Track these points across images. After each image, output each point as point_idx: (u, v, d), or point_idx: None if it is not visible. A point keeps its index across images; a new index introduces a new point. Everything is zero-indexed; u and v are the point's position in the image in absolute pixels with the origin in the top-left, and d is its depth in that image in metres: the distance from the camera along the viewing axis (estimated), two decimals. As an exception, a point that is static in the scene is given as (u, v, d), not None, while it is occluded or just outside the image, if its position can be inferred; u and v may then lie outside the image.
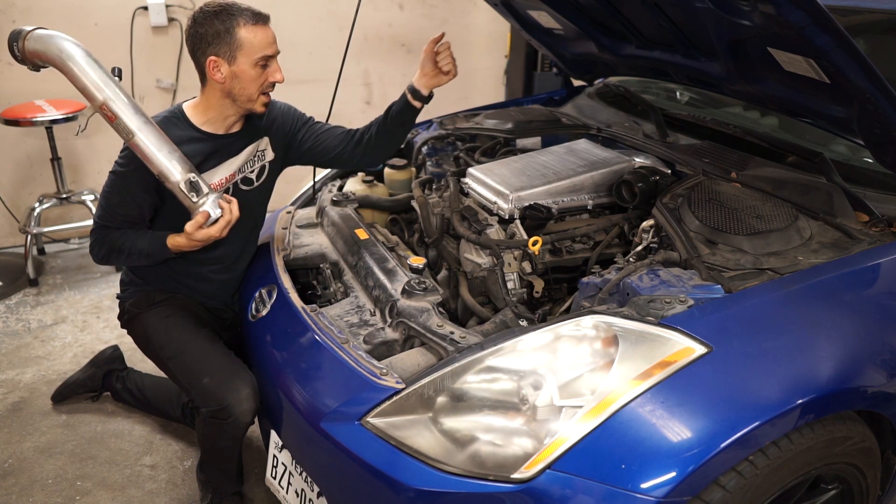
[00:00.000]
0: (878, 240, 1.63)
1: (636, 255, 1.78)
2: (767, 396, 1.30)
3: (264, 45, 1.78)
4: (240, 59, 1.77)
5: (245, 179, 1.98)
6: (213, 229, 1.77)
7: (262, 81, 1.81)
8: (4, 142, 3.61)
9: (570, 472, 1.24)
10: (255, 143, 1.97)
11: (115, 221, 1.86)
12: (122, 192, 1.83)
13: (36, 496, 2.17)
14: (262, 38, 1.78)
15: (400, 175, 2.49)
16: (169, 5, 3.72)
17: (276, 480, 1.80)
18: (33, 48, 1.70)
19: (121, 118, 1.71)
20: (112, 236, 1.85)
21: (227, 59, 1.77)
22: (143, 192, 1.83)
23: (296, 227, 2.22)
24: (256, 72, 1.79)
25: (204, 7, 1.78)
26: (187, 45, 1.81)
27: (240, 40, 1.76)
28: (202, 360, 1.88)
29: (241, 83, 1.80)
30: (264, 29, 1.79)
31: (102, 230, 1.87)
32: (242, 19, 1.76)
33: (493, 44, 4.63)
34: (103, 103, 1.71)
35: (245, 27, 1.76)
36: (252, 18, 1.77)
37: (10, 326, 3.06)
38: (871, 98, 1.51)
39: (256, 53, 1.77)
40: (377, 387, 1.46)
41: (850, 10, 2.18)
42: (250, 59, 1.77)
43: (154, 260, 1.89)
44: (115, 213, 1.85)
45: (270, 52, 1.80)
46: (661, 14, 1.98)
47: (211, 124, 1.88)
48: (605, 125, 2.48)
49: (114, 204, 1.84)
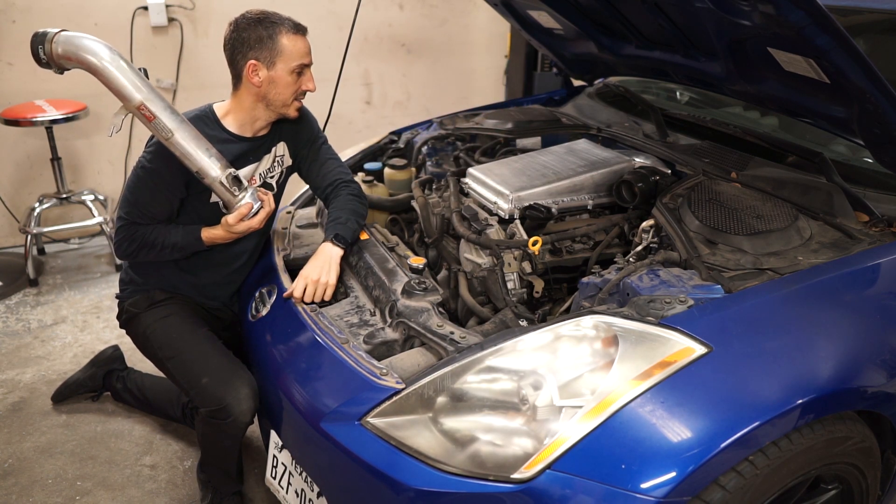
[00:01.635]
0: (878, 240, 1.63)
1: (636, 255, 1.78)
2: (767, 396, 1.30)
3: (302, 53, 1.85)
4: (278, 65, 1.83)
5: (266, 185, 2.01)
6: (253, 221, 1.87)
7: (296, 88, 1.88)
8: (4, 142, 3.61)
9: (570, 472, 1.24)
10: (274, 147, 2.00)
11: (144, 218, 1.87)
12: (151, 188, 1.85)
13: (36, 496, 2.17)
14: (301, 46, 1.85)
15: (400, 175, 2.48)
16: (169, 5, 3.72)
17: (276, 480, 1.80)
18: (62, 51, 1.68)
19: (159, 118, 1.72)
20: (142, 232, 1.87)
21: (266, 64, 1.83)
22: (172, 188, 1.86)
23: (296, 227, 2.22)
24: (292, 78, 1.86)
25: (247, 13, 1.84)
26: (226, 48, 1.86)
27: (281, 47, 1.82)
28: (201, 360, 1.88)
29: (276, 88, 1.85)
30: (303, 39, 1.86)
31: (131, 227, 1.88)
32: (284, 28, 1.83)
33: (493, 44, 4.63)
34: (141, 104, 1.71)
35: (286, 35, 1.83)
36: (293, 28, 1.85)
37: (10, 326, 3.06)
38: (871, 98, 1.51)
39: (294, 61, 1.84)
40: (377, 387, 1.46)
41: (850, 10, 2.18)
42: (288, 66, 1.83)
43: (186, 253, 1.94)
44: (145, 210, 1.87)
45: (307, 61, 1.87)
46: (661, 14, 1.98)
47: (239, 126, 1.91)
48: (605, 125, 2.48)
49: (144, 201, 1.86)
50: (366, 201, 2.10)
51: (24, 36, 3.46)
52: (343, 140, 3.51)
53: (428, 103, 4.58)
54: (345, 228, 1.95)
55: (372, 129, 4.36)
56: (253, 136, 1.94)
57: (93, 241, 3.90)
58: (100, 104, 3.74)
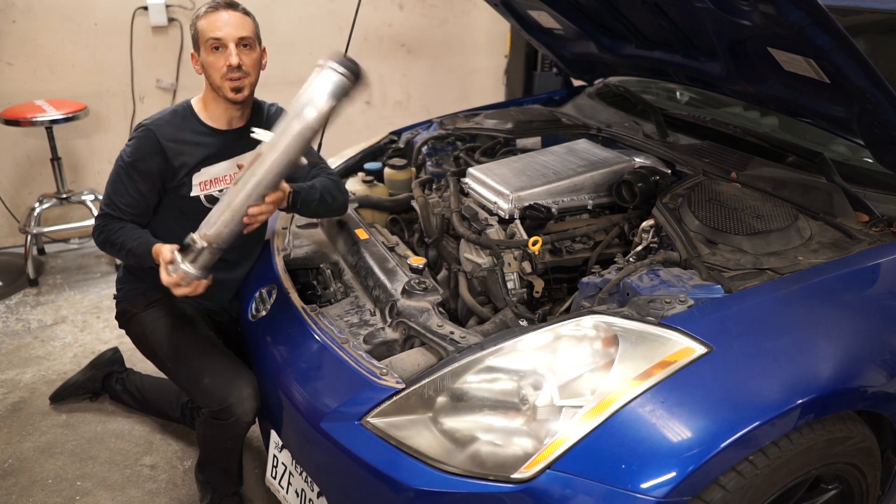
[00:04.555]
0: (878, 240, 1.63)
1: (636, 255, 1.78)
2: (767, 396, 1.30)
3: (212, 28, 1.79)
4: (201, 49, 1.83)
5: None
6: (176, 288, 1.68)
7: (219, 67, 1.81)
8: (4, 142, 3.61)
9: (570, 472, 1.24)
10: (259, 145, 1.97)
11: (116, 210, 1.87)
12: (125, 180, 1.86)
13: (36, 496, 2.17)
14: (211, 22, 1.79)
15: (400, 175, 2.48)
16: (169, 5, 3.72)
17: (276, 480, 1.80)
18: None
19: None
20: (111, 227, 1.87)
21: (197, 51, 1.85)
22: (145, 182, 1.85)
23: (296, 227, 2.21)
24: (213, 58, 1.81)
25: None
26: None
27: (200, 30, 1.82)
28: (202, 361, 1.88)
29: (208, 72, 1.84)
30: (217, 13, 1.80)
31: (104, 217, 1.89)
32: (201, 10, 1.81)
33: (493, 44, 4.63)
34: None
35: (203, 17, 1.81)
36: (212, 7, 1.81)
37: (10, 326, 3.06)
38: (871, 98, 1.51)
39: (206, 37, 1.80)
40: (377, 387, 1.46)
41: (850, 10, 2.18)
42: (205, 46, 1.81)
43: (139, 263, 1.86)
44: (117, 201, 1.87)
45: (219, 35, 1.79)
46: (661, 14, 1.98)
47: (213, 119, 1.92)
48: (605, 125, 2.48)
49: (117, 192, 1.86)
50: (342, 186, 2.04)
51: (25, 36, 3.49)
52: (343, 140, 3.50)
53: (428, 103, 4.57)
54: (308, 189, 1.88)
55: (372, 130, 4.34)
56: (228, 129, 1.93)
57: (93, 241, 3.89)
58: (100, 104, 3.74)
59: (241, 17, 1.83)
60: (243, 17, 1.83)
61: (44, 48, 3.55)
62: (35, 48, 3.53)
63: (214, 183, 1.94)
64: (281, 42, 3.87)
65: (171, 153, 1.86)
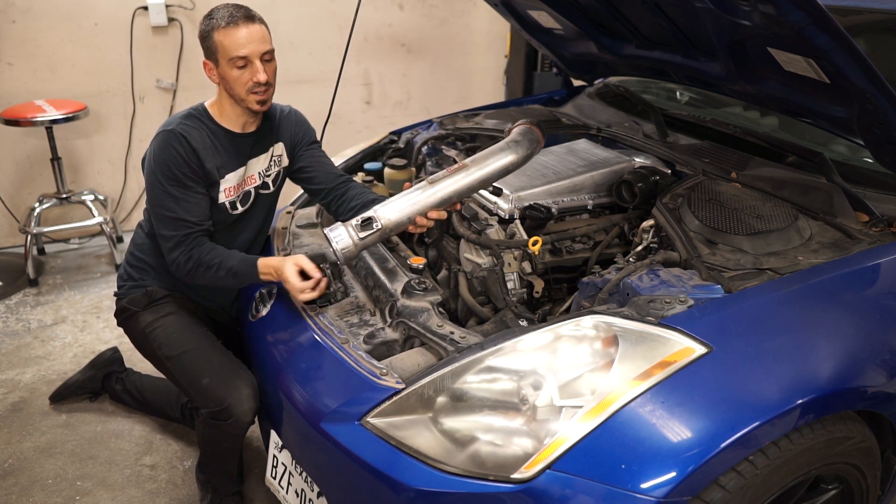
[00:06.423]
0: (878, 240, 1.63)
1: (636, 255, 1.78)
2: (767, 396, 1.30)
3: (238, 45, 1.75)
4: (221, 62, 1.79)
5: (263, 184, 2.00)
6: (302, 294, 1.74)
7: (244, 82, 1.79)
8: (4, 142, 3.61)
9: (570, 472, 1.24)
10: (272, 147, 1.99)
11: (192, 225, 1.81)
12: (180, 190, 1.80)
13: (36, 496, 2.17)
14: (234, 39, 1.75)
15: (400, 175, 2.48)
16: (169, 5, 3.72)
17: (276, 480, 1.80)
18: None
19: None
20: (201, 248, 1.82)
21: (213, 62, 1.81)
22: (199, 185, 1.82)
23: (296, 227, 2.22)
24: (238, 73, 1.78)
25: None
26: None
27: (216, 44, 1.77)
28: (201, 360, 1.88)
29: (228, 84, 1.81)
30: (237, 30, 1.75)
31: (184, 239, 1.82)
32: (217, 23, 1.76)
33: (493, 44, 4.63)
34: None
35: (219, 31, 1.76)
36: (227, 20, 1.75)
37: (10, 326, 3.06)
38: (871, 98, 1.51)
39: (229, 55, 1.76)
40: (377, 387, 1.46)
41: (850, 10, 2.18)
42: (228, 62, 1.77)
43: (241, 282, 1.87)
44: (186, 217, 1.81)
45: (244, 53, 1.76)
46: (661, 14, 1.98)
47: (227, 121, 1.89)
48: (605, 125, 2.48)
49: (182, 207, 1.80)
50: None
51: (25, 36, 3.50)
52: (343, 140, 3.51)
53: (428, 103, 4.58)
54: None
55: (372, 129, 4.36)
56: (242, 132, 1.92)
57: (93, 241, 3.89)
58: (100, 104, 3.74)
59: (262, 30, 1.79)
60: (262, 28, 1.80)
61: (44, 48, 3.55)
62: (35, 48, 3.53)
63: (237, 189, 1.93)
64: (281, 42, 3.84)
65: (203, 156, 1.82)
